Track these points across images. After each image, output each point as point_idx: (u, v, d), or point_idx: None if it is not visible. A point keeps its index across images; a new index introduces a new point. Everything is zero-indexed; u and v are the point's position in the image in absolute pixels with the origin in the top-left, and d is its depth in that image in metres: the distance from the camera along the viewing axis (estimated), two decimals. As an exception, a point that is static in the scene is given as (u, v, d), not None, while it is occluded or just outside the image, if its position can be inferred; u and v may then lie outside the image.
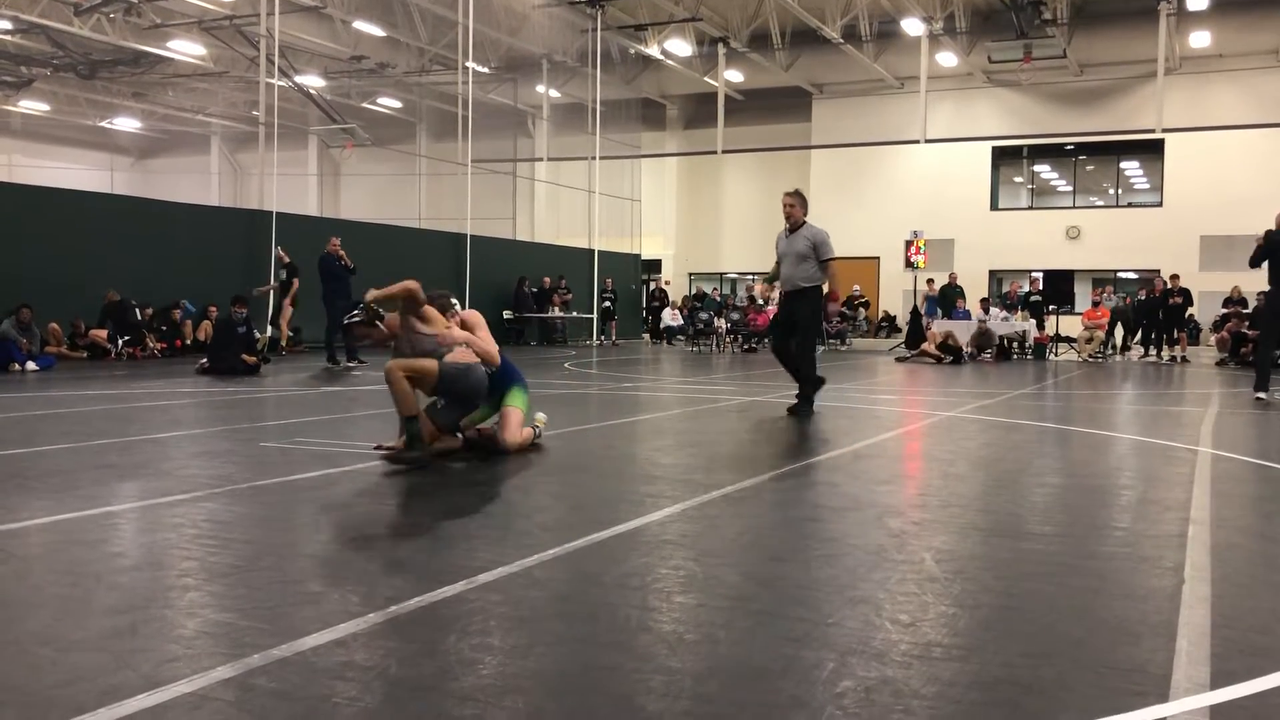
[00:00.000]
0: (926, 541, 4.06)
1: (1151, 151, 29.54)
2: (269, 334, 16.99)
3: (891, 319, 31.03)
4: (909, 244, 26.26)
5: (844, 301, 28.62)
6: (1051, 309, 22.00)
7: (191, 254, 18.09)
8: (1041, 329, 21.64)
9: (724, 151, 30.77)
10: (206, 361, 13.30)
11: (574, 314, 26.36)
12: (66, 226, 16.31)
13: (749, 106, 33.20)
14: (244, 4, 24.95)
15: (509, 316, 24.53)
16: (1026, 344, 20.72)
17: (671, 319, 27.40)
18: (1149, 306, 21.19)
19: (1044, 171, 32.75)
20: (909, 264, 26.11)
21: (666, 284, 32.60)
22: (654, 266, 34.85)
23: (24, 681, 2.47)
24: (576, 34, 28.87)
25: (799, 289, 8.97)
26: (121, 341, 16.06)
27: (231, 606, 3.07)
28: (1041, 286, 22.77)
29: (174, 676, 2.47)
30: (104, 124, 38.47)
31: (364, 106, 34.50)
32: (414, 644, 2.75)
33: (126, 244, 17.12)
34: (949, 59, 29.57)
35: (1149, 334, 21.41)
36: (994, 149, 31.09)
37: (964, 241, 30.65)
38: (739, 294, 29.91)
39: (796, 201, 9.08)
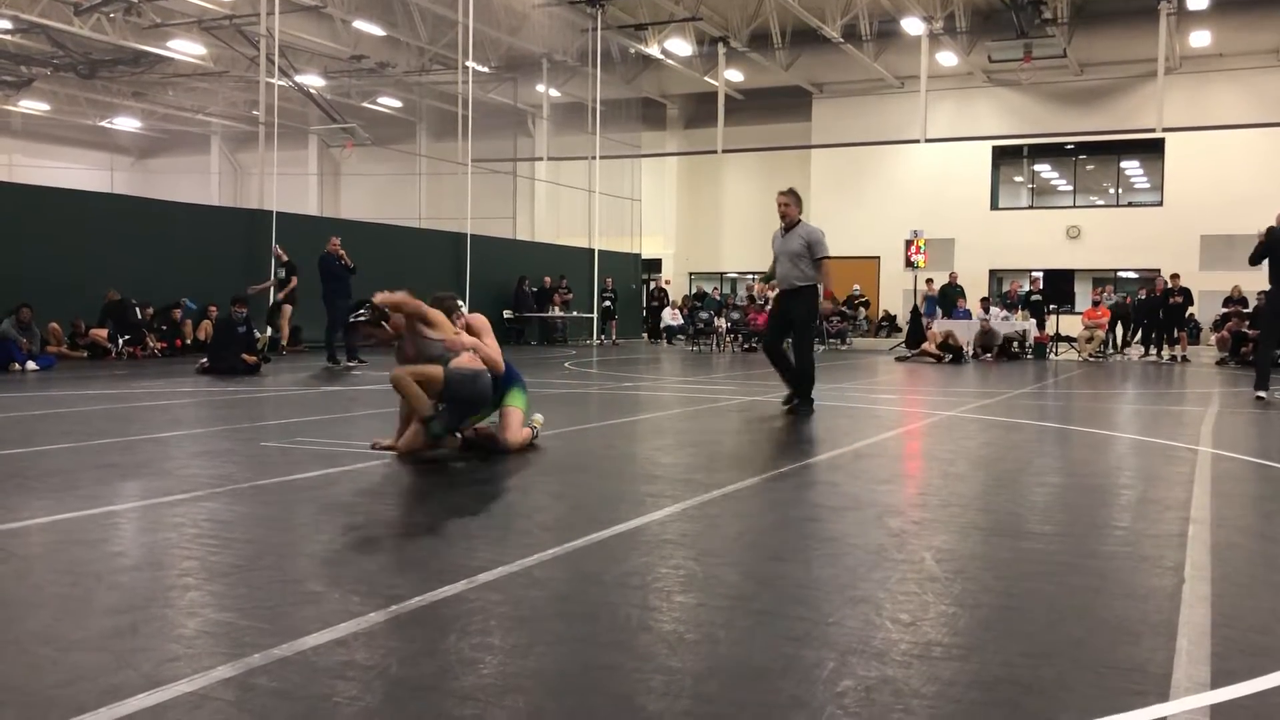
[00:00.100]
0: (927, 541, 4.06)
1: (1152, 151, 29.54)
2: (269, 333, 16.98)
3: (892, 318, 31.03)
4: (909, 243, 26.24)
5: (844, 301, 28.65)
6: (1052, 308, 22.01)
7: (192, 254, 18.08)
8: (1042, 329, 21.65)
9: (724, 151, 30.77)
10: (207, 361, 13.29)
11: (574, 313, 26.36)
12: (67, 226, 16.30)
13: (749, 106, 33.21)
14: (244, 3, 24.96)
15: (509, 316, 24.53)
16: (1027, 343, 20.74)
17: (672, 318, 27.39)
18: (1149, 306, 21.20)
19: (1044, 171, 32.75)
20: (909, 263, 26.10)
21: (667, 283, 32.58)
22: (654, 266, 34.85)
23: (24, 681, 2.47)
24: (576, 33, 28.87)
25: (795, 288, 8.98)
26: (122, 341, 16.06)
27: (232, 606, 3.07)
28: (1041, 286, 22.78)
29: (174, 676, 2.47)
30: (104, 124, 38.48)
31: (364, 106, 34.51)
32: (414, 643, 2.75)
33: (127, 244, 17.12)
34: (949, 58, 29.57)
35: (1149, 333, 21.42)
36: (994, 148, 31.09)
37: (964, 241, 30.66)
38: (739, 293, 29.91)
39: (791, 200, 9.08)
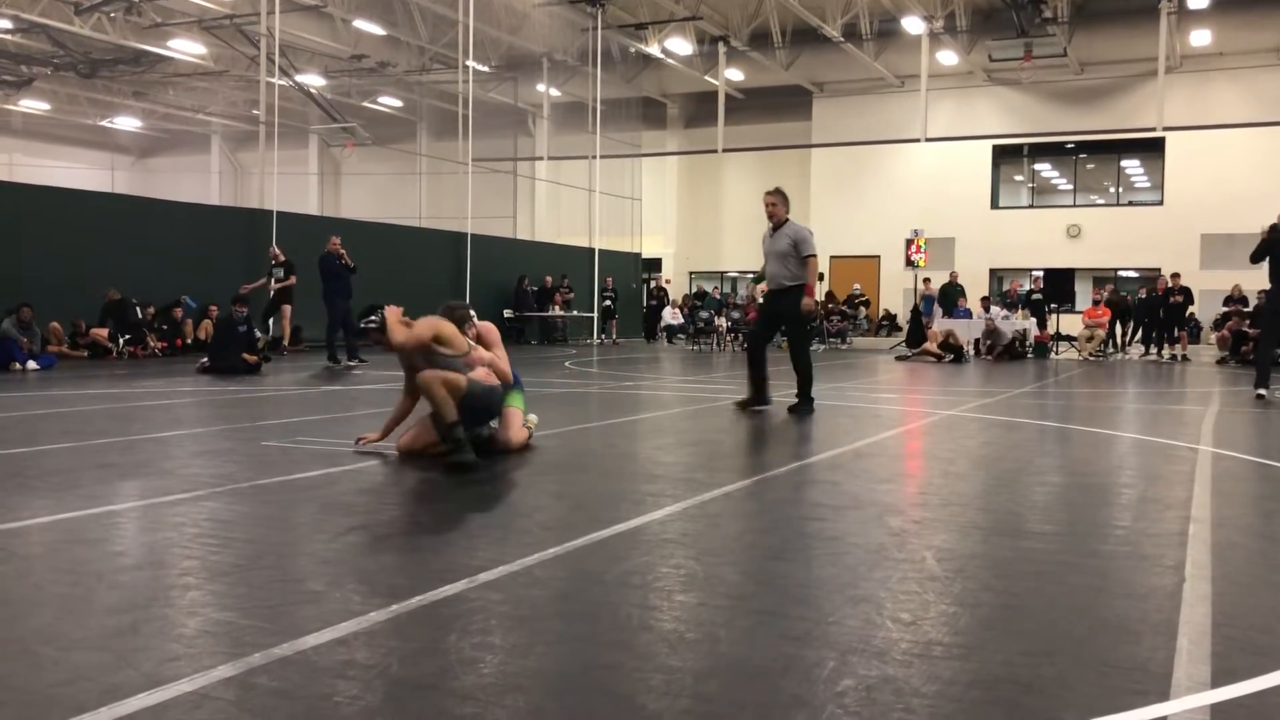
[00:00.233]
0: (927, 540, 4.06)
1: (1152, 150, 29.52)
2: (270, 333, 16.98)
3: (892, 318, 31.02)
4: (909, 243, 26.24)
5: (844, 300, 28.63)
6: (1052, 308, 22.00)
7: (192, 253, 18.08)
8: (1042, 328, 21.65)
9: (724, 150, 30.76)
10: (207, 360, 13.30)
11: (574, 313, 26.36)
12: (67, 226, 16.31)
13: (749, 105, 33.21)
14: (244, 3, 24.97)
15: (509, 315, 24.54)
16: (1027, 343, 20.74)
17: (672, 317, 27.40)
18: (1150, 305, 21.20)
19: (1044, 170, 32.73)
20: (909, 263, 26.09)
21: (667, 282, 32.58)
22: (654, 265, 34.84)
23: (25, 680, 2.47)
24: (577, 33, 28.86)
25: (783, 287, 8.95)
26: (122, 341, 16.07)
27: (233, 605, 3.07)
28: (1042, 285, 22.77)
29: (175, 675, 2.47)
30: (104, 123, 38.49)
31: (364, 105, 34.51)
32: (415, 643, 2.75)
33: (127, 243, 17.12)
34: (949, 57, 29.56)
35: (1150, 332, 21.42)
36: (994, 147, 31.08)
37: (964, 240, 30.64)
38: (739, 292, 29.90)
39: (778, 200, 9.05)
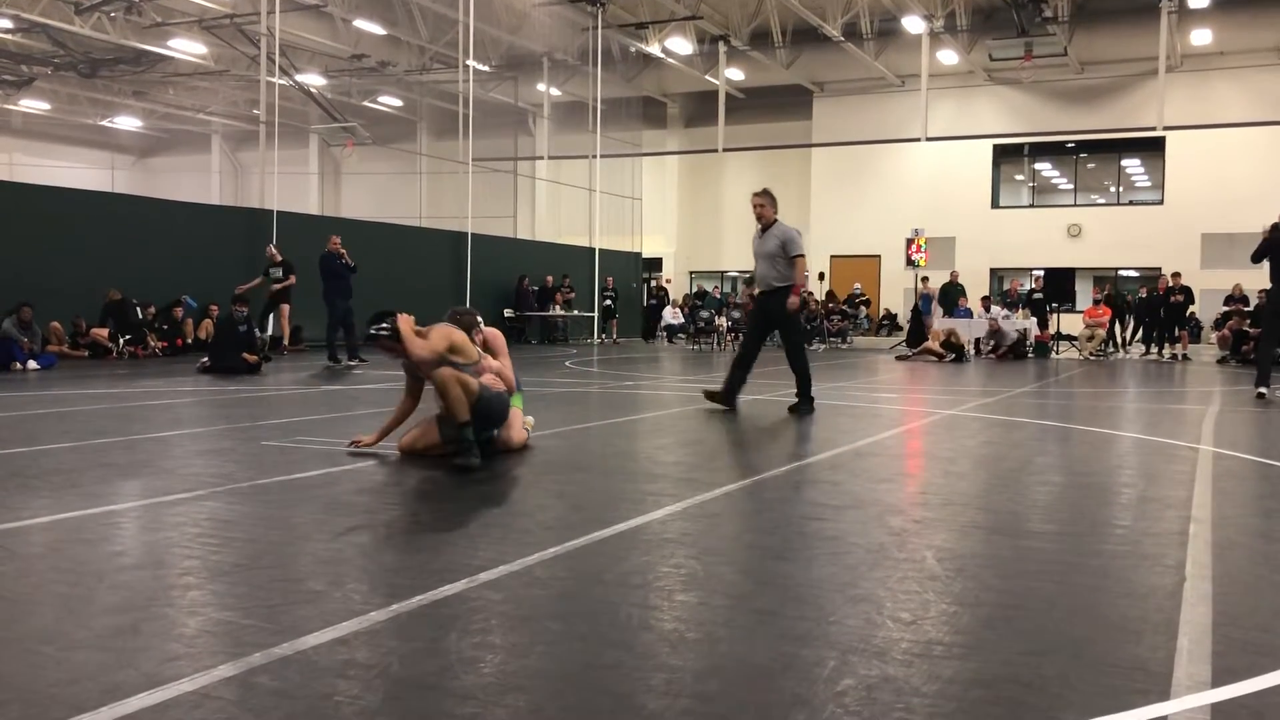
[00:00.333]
0: (928, 539, 4.06)
1: (1153, 149, 29.52)
2: (270, 333, 16.97)
3: (893, 317, 31.03)
4: (910, 242, 26.24)
5: (845, 300, 28.63)
6: (1053, 307, 21.99)
7: (192, 253, 18.09)
8: (1044, 327, 21.64)
9: (725, 150, 30.75)
10: (207, 360, 13.30)
11: (574, 312, 26.37)
12: (68, 225, 16.31)
13: (750, 105, 33.20)
14: (244, 3, 24.98)
15: (510, 315, 24.54)
16: (1028, 342, 20.74)
17: (672, 317, 27.40)
18: (1150, 304, 21.19)
19: (1045, 169, 32.73)
20: (910, 262, 26.09)
21: (668, 282, 32.58)
22: (655, 265, 34.83)
23: (26, 680, 2.47)
24: (577, 32, 28.86)
25: (773, 288, 8.93)
26: (123, 340, 16.07)
27: (233, 605, 3.07)
28: (1042, 285, 22.75)
29: (176, 675, 2.48)
30: (105, 123, 38.50)
31: (365, 105, 34.51)
32: (415, 642, 2.75)
33: (127, 243, 17.12)
34: (950, 57, 29.56)
35: (1150, 332, 21.41)
36: (995, 147, 31.07)
37: (965, 239, 30.64)
38: (739, 292, 29.88)
39: (766, 201, 9.01)
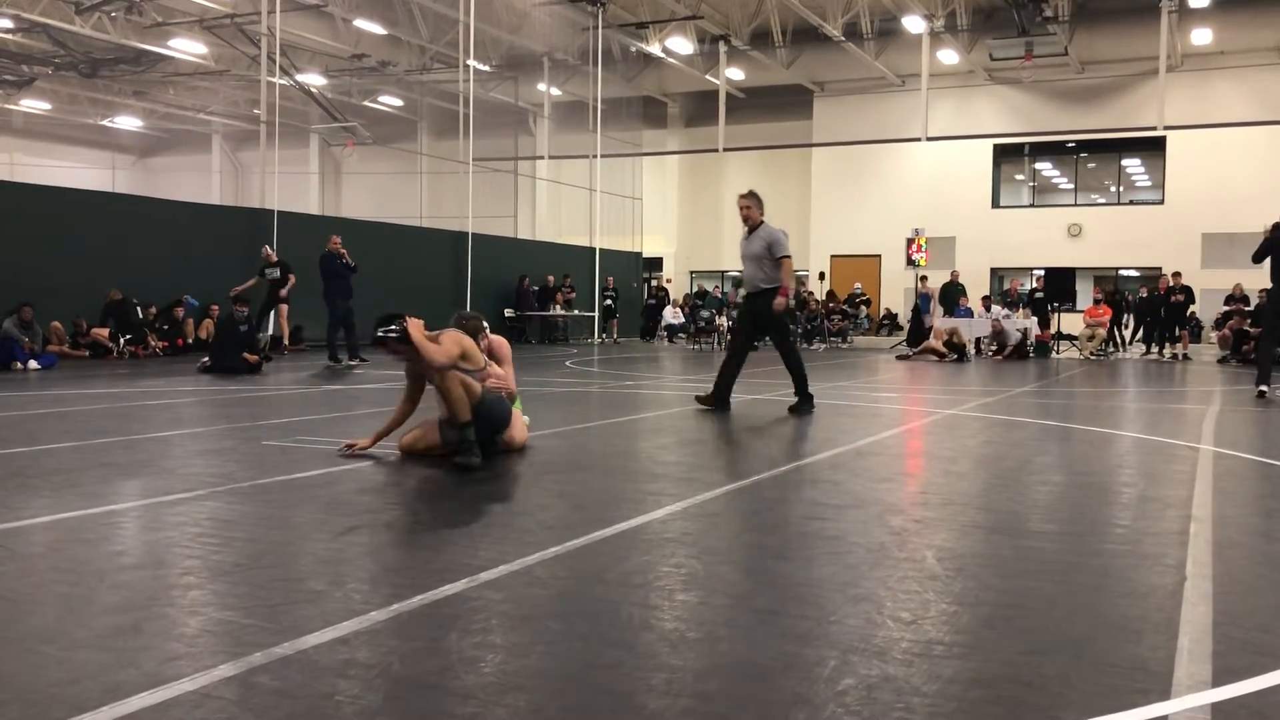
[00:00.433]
0: (928, 539, 4.06)
1: (1153, 149, 29.51)
2: (270, 333, 16.96)
3: (893, 316, 31.02)
4: (910, 242, 26.23)
5: (846, 299, 28.62)
6: (1054, 306, 21.99)
7: (193, 252, 18.08)
8: (1045, 327, 21.63)
9: (725, 150, 30.75)
10: (208, 360, 13.30)
11: (575, 312, 26.37)
12: (68, 225, 16.31)
13: (750, 104, 33.20)
14: (245, 2, 24.99)
15: (510, 315, 24.53)
16: (1029, 342, 20.73)
17: (673, 317, 27.40)
18: (1151, 304, 21.18)
19: (1045, 169, 32.72)
20: (910, 262, 26.08)
21: (668, 282, 32.57)
22: (655, 265, 34.81)
23: (27, 680, 2.48)
24: (577, 32, 28.86)
25: (759, 290, 8.93)
26: (123, 340, 16.07)
27: (234, 605, 3.08)
28: (1043, 284, 22.75)
29: (176, 675, 2.48)
30: (105, 122, 38.50)
31: (365, 105, 34.51)
32: (416, 642, 2.75)
33: (128, 243, 17.12)
34: (950, 57, 29.55)
35: (1151, 332, 21.40)
36: (995, 146, 31.06)
37: (965, 239, 30.63)
38: (740, 291, 29.87)
39: (752, 203, 9.00)
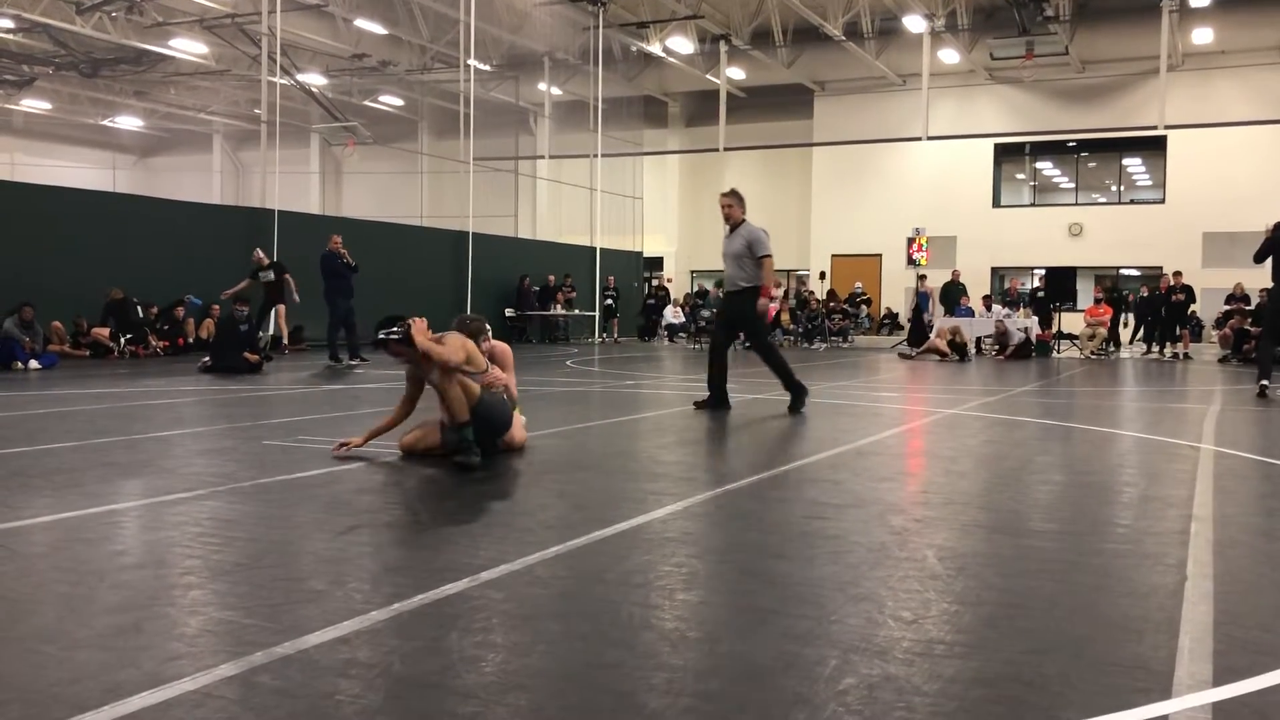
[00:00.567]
0: (929, 539, 4.06)
1: (1154, 148, 29.49)
2: (270, 332, 16.95)
3: (894, 316, 31.01)
4: (911, 241, 26.23)
5: (846, 299, 28.60)
6: (1055, 305, 21.98)
7: (194, 252, 18.08)
8: (1046, 326, 21.62)
9: (726, 149, 30.73)
10: (209, 360, 13.31)
11: (576, 311, 26.37)
12: (69, 225, 16.32)
13: (751, 104, 33.19)
14: (245, 2, 24.98)
15: (511, 314, 24.52)
16: (1032, 342, 20.72)
17: (674, 316, 27.39)
18: (1151, 303, 21.18)
19: (1046, 168, 32.70)
20: (911, 261, 26.07)
21: (669, 281, 32.56)
22: (656, 264, 34.81)
23: (27, 679, 2.48)
24: (578, 31, 28.85)
25: (738, 289, 8.92)
26: (124, 340, 16.07)
27: (235, 604, 3.08)
28: (1044, 284, 22.74)
29: (177, 674, 2.48)
30: (106, 122, 38.50)
31: (366, 104, 34.51)
32: (417, 641, 2.75)
33: (129, 242, 17.12)
34: (951, 56, 29.54)
35: (1151, 331, 21.40)
36: (996, 146, 31.04)
37: (966, 238, 30.61)
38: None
39: (734, 201, 8.96)
